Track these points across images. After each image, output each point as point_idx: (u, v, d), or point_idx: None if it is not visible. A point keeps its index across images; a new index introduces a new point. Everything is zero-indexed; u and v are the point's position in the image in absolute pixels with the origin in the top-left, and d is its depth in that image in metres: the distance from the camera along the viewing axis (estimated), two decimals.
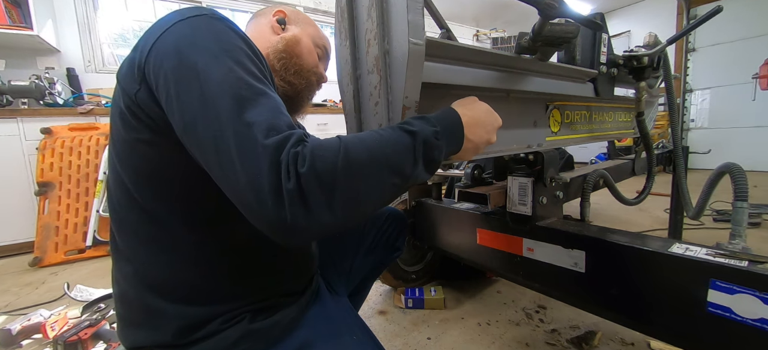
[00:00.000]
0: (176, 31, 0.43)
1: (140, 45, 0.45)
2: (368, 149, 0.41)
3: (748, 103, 4.16)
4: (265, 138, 0.37)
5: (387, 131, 0.45)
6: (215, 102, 0.39)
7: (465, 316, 1.27)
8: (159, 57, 0.42)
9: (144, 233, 0.50)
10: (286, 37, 0.69)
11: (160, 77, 0.42)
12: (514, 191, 0.94)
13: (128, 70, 0.46)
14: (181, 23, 0.44)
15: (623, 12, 5.29)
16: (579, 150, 4.38)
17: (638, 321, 0.76)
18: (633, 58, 1.08)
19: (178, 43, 0.42)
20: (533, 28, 0.69)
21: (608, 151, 1.87)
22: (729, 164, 0.85)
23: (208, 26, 0.44)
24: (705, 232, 2.05)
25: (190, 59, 0.41)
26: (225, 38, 0.43)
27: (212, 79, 0.39)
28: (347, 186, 0.38)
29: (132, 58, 0.46)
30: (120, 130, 0.48)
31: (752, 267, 0.59)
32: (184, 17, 0.45)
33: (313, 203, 0.36)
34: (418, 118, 0.49)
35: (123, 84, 0.47)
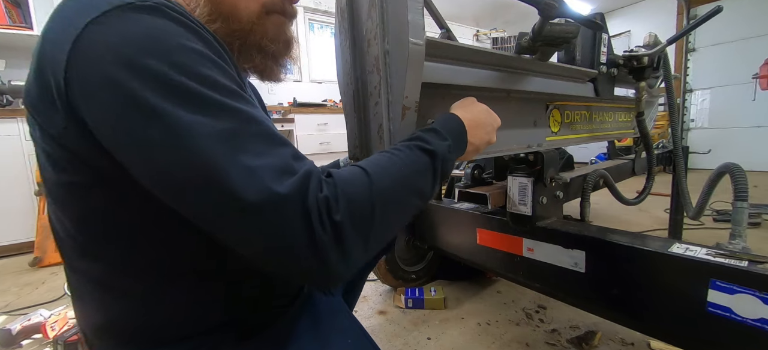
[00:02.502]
0: (102, 42, 0.31)
1: (48, 53, 0.33)
2: (394, 179, 0.39)
3: (748, 103, 4.16)
4: (280, 186, 0.31)
5: (406, 152, 0.43)
6: (196, 153, 0.30)
7: (465, 316, 1.27)
8: (89, 85, 0.31)
9: (99, 280, 0.41)
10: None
11: (98, 115, 0.32)
12: (514, 191, 0.94)
13: (41, 95, 0.34)
14: (104, 26, 0.31)
15: (623, 12, 5.29)
16: (579, 150, 4.38)
17: (638, 321, 0.76)
18: (633, 58, 1.08)
19: (114, 70, 0.30)
20: (533, 28, 0.70)
21: (608, 151, 1.87)
22: (729, 164, 0.85)
23: (146, 30, 0.32)
24: (705, 232, 2.05)
25: (142, 97, 0.30)
26: (177, 46, 0.32)
27: (183, 122, 0.30)
28: (381, 223, 0.36)
29: (41, 75, 0.33)
30: (48, 170, 0.37)
31: (752, 267, 0.59)
32: (103, 11, 0.31)
33: (351, 248, 0.34)
34: (430, 131, 0.48)
35: (38, 118, 0.35)
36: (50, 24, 0.34)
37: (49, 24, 0.34)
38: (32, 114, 0.36)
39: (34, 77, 0.34)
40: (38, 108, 0.35)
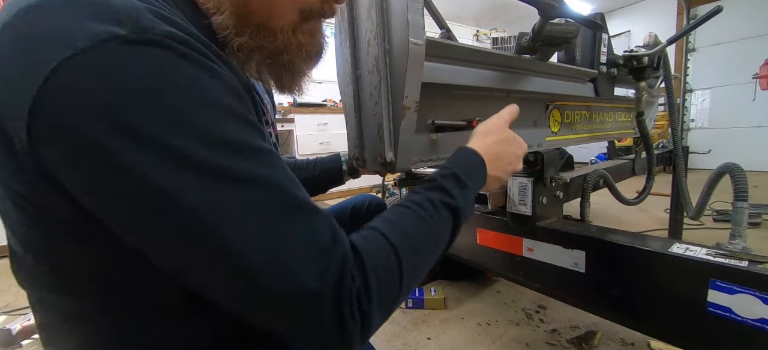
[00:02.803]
0: (83, 92, 0.23)
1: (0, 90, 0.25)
2: (420, 251, 0.37)
3: (748, 103, 4.16)
4: (312, 280, 0.27)
5: (430, 212, 0.40)
6: (213, 236, 0.25)
7: (465, 316, 1.27)
8: (67, 149, 0.24)
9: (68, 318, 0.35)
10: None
11: (84, 187, 0.26)
12: (514, 191, 0.94)
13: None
14: (84, 69, 0.23)
15: (623, 12, 5.28)
16: (579, 150, 4.38)
17: (638, 321, 0.76)
18: (633, 58, 1.08)
19: (101, 134, 0.23)
20: (533, 28, 0.70)
21: (608, 151, 1.87)
22: (729, 164, 0.85)
23: (143, 77, 0.24)
24: (705, 232, 2.05)
25: (144, 174, 0.24)
26: (185, 97, 0.26)
27: (197, 204, 0.25)
28: (405, 294, 0.35)
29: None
30: (11, 211, 0.31)
31: (752, 267, 0.59)
32: (82, 49, 0.23)
33: (375, 325, 0.32)
34: (452, 178, 0.45)
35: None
36: (11, 26, 0.24)
37: (8, 25, 0.24)
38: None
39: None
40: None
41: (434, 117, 0.68)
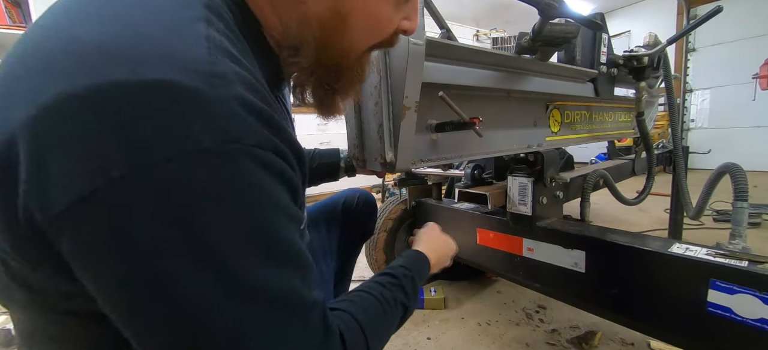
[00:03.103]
0: (167, 195, 0.22)
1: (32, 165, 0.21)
2: (383, 339, 0.43)
3: (748, 103, 4.16)
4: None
5: (392, 307, 0.45)
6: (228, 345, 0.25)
7: (465, 316, 1.27)
8: (114, 242, 0.22)
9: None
10: (328, 6, 0.33)
11: (106, 281, 0.23)
12: (514, 191, 0.94)
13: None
14: (179, 175, 0.22)
15: (623, 12, 5.28)
16: (579, 150, 4.38)
17: (638, 321, 0.76)
18: (633, 58, 1.08)
19: (163, 240, 0.22)
20: (533, 28, 0.70)
21: (608, 151, 1.87)
22: (729, 164, 0.85)
23: (235, 195, 0.24)
24: (705, 232, 2.05)
25: (191, 289, 0.23)
26: (261, 220, 0.25)
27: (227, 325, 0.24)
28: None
29: (6, 180, 0.22)
30: (4, 278, 0.28)
31: (752, 267, 0.59)
32: (158, 163, 0.21)
33: None
34: (410, 280, 0.51)
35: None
36: (45, 117, 0.21)
37: (43, 115, 0.21)
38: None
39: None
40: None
41: (434, 117, 0.68)
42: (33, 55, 0.23)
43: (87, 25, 0.23)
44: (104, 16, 0.23)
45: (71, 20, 0.24)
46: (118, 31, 0.23)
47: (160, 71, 0.21)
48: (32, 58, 0.23)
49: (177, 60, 0.22)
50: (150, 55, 0.22)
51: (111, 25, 0.23)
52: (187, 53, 0.23)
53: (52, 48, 0.22)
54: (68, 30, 0.23)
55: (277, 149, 0.26)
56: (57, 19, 0.24)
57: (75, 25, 0.23)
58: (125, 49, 0.22)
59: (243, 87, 0.25)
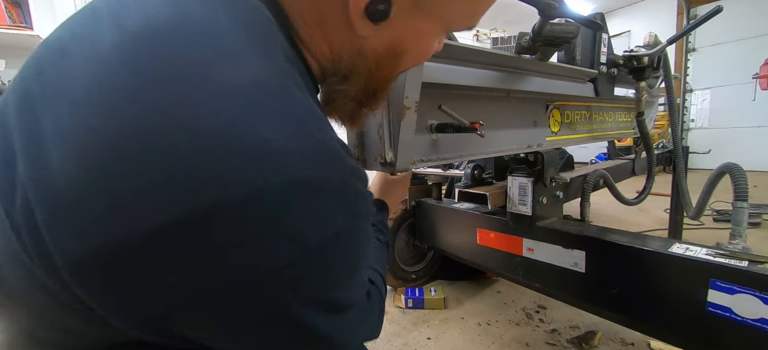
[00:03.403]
0: (302, 274, 0.25)
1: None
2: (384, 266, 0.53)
3: (748, 103, 4.16)
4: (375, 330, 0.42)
5: (382, 242, 0.59)
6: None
7: (465, 316, 1.27)
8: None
9: None
10: (386, 43, 0.35)
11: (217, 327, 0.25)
12: (514, 191, 0.94)
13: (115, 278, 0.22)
14: (319, 261, 0.26)
15: (623, 12, 5.29)
16: (579, 150, 4.38)
17: (638, 321, 0.76)
18: (633, 58, 1.08)
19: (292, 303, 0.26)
20: (533, 28, 0.69)
21: (608, 151, 1.87)
22: (729, 164, 0.85)
23: (350, 253, 0.29)
24: (705, 232, 2.05)
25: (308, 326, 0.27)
26: (357, 263, 0.32)
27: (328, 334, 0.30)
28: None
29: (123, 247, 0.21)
30: (33, 304, 0.26)
31: (752, 267, 0.59)
32: (324, 242, 0.25)
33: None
34: (380, 220, 0.65)
35: (83, 295, 0.23)
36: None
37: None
38: (76, 284, 0.23)
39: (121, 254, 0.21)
40: (87, 280, 0.22)
41: (434, 117, 0.68)
42: (150, 142, 0.21)
43: (204, 110, 0.22)
44: (222, 107, 0.22)
45: (179, 102, 0.22)
46: (248, 126, 0.22)
47: (301, 171, 0.23)
48: (149, 146, 0.21)
49: (309, 157, 0.24)
50: (287, 156, 0.23)
51: (235, 116, 0.22)
52: (312, 145, 0.25)
53: (168, 142, 0.21)
54: (185, 120, 0.21)
55: (371, 197, 0.32)
56: (160, 97, 0.22)
57: (186, 108, 0.21)
58: (265, 153, 0.22)
59: (347, 154, 0.28)
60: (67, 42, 0.25)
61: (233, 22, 0.26)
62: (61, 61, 0.24)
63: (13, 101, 0.25)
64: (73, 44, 0.25)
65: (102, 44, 0.23)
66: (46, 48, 0.26)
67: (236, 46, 0.25)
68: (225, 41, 0.25)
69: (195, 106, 0.22)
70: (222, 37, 0.25)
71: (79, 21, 0.26)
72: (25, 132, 0.23)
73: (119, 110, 0.21)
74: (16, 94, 0.26)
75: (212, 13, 0.26)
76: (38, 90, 0.24)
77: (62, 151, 0.22)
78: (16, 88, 0.26)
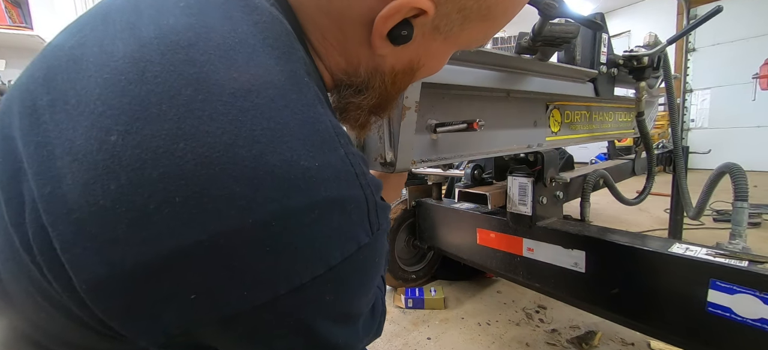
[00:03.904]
0: (328, 293, 0.26)
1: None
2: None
3: (748, 103, 4.16)
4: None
5: None
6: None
7: (465, 316, 1.27)
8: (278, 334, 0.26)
9: None
10: (404, 62, 0.35)
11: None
12: (514, 191, 0.94)
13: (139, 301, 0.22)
14: (343, 277, 0.26)
15: (623, 12, 5.28)
16: (579, 150, 4.38)
17: (638, 321, 0.76)
18: (633, 58, 1.08)
19: (321, 324, 0.28)
20: (533, 28, 0.69)
21: (608, 151, 1.87)
22: (729, 164, 0.85)
23: (372, 268, 0.30)
24: (705, 232, 2.05)
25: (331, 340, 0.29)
26: (376, 276, 0.32)
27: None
28: None
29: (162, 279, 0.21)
30: (39, 316, 0.25)
31: (752, 267, 0.59)
32: (347, 256, 0.26)
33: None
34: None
35: (107, 318, 0.23)
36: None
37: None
38: (94, 304, 0.22)
39: (144, 271, 0.21)
40: (106, 301, 0.22)
41: (434, 117, 0.68)
42: (170, 167, 0.20)
43: (224, 133, 0.21)
44: (239, 120, 0.22)
45: (198, 122, 0.21)
46: (267, 142, 0.22)
47: (326, 191, 0.24)
48: (170, 171, 0.20)
49: (334, 174, 0.24)
50: (311, 175, 0.23)
51: (253, 132, 0.22)
52: (336, 163, 0.25)
53: (192, 162, 0.20)
54: (203, 139, 0.21)
55: (389, 209, 0.32)
56: (182, 115, 0.21)
57: (205, 129, 0.21)
58: (289, 172, 0.22)
59: (367, 167, 0.29)
60: (77, 49, 0.24)
61: (254, 36, 0.25)
62: (72, 70, 0.23)
63: (18, 106, 0.24)
64: (84, 52, 0.24)
65: (116, 54, 0.22)
66: (54, 53, 0.25)
67: (258, 61, 0.24)
68: (247, 57, 0.24)
69: (217, 126, 0.21)
70: (243, 52, 0.24)
71: (89, 26, 0.25)
72: (34, 144, 0.23)
73: (138, 129, 0.20)
74: (20, 99, 0.25)
75: (233, 25, 0.25)
76: (47, 99, 0.23)
77: (76, 170, 0.21)
78: (21, 92, 0.25)
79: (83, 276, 0.21)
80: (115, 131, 0.21)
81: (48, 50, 0.26)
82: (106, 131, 0.21)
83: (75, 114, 0.22)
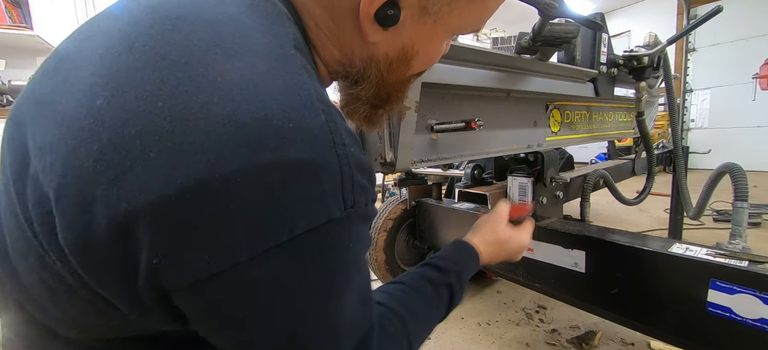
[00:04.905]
0: (306, 263, 0.25)
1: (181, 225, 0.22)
2: (424, 334, 0.45)
3: (748, 103, 4.16)
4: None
5: (436, 303, 0.47)
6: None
7: (465, 316, 1.27)
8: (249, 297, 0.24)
9: None
10: (396, 48, 0.35)
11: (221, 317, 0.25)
12: (514, 191, 0.94)
13: (106, 258, 0.22)
14: (317, 246, 0.25)
15: (623, 12, 5.29)
16: (579, 150, 4.38)
17: (638, 321, 0.76)
18: (633, 58, 1.08)
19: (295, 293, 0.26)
20: (533, 28, 0.70)
21: (608, 151, 1.87)
22: (729, 164, 0.85)
23: (347, 255, 0.28)
24: (705, 232, 2.05)
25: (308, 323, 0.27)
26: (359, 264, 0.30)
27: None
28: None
29: (127, 238, 0.21)
30: (43, 294, 0.26)
31: (752, 267, 0.59)
32: (318, 225, 0.24)
33: None
34: (457, 279, 0.51)
35: (83, 271, 0.23)
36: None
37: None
38: (68, 255, 0.23)
39: (107, 228, 0.21)
40: (90, 265, 0.23)
41: (434, 117, 0.68)
42: (147, 124, 0.21)
43: (201, 92, 0.22)
44: (217, 81, 0.22)
45: (178, 83, 0.22)
46: (242, 100, 0.22)
47: (298, 151, 0.23)
48: (146, 128, 0.21)
49: (308, 137, 0.24)
50: (284, 135, 0.23)
51: (230, 91, 0.22)
52: (313, 127, 0.24)
53: (168, 119, 0.21)
54: (180, 98, 0.21)
55: (373, 197, 0.30)
56: (155, 75, 0.22)
57: (183, 89, 0.22)
58: (260, 129, 0.22)
59: (353, 143, 0.27)
60: (85, 41, 0.26)
61: (244, 13, 0.26)
62: (76, 56, 0.25)
63: (30, 94, 0.27)
64: (90, 37, 0.26)
65: (111, 32, 0.24)
66: (66, 44, 0.28)
67: (245, 33, 0.25)
68: (233, 29, 0.24)
69: (195, 86, 0.22)
70: (230, 25, 0.25)
71: (98, 17, 0.28)
72: (36, 124, 0.24)
73: (122, 92, 0.22)
74: (32, 88, 0.27)
75: (225, 5, 0.26)
76: (52, 84, 0.25)
77: (65, 136, 0.22)
78: (34, 82, 0.27)
79: (67, 239, 0.22)
80: (101, 96, 0.22)
81: (63, 43, 0.28)
82: (93, 98, 0.22)
83: (72, 90, 0.23)
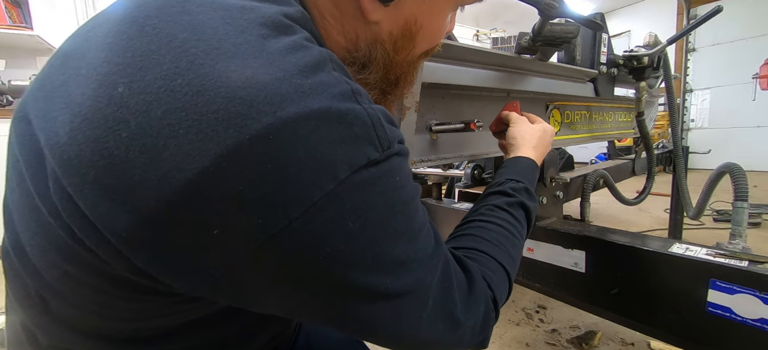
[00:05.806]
0: (346, 219, 0.24)
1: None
2: (517, 262, 0.45)
3: (748, 103, 4.17)
4: (469, 331, 0.33)
5: (518, 227, 0.48)
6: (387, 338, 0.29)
7: None
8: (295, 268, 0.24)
9: None
10: (399, 25, 0.35)
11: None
12: None
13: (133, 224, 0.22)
14: (358, 194, 0.24)
15: (623, 12, 5.29)
16: (579, 150, 4.38)
17: (638, 321, 0.76)
18: (633, 58, 1.08)
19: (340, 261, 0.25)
20: (533, 28, 0.70)
21: (608, 151, 1.87)
22: (729, 164, 0.85)
23: (396, 194, 0.27)
24: (705, 232, 2.05)
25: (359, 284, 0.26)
26: (408, 209, 0.28)
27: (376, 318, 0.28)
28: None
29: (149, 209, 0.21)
30: (61, 269, 0.26)
31: (752, 267, 0.59)
32: (355, 170, 0.24)
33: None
34: (524, 188, 0.52)
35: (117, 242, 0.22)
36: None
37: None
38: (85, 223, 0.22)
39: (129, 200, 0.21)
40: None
41: (434, 117, 0.68)
42: (171, 102, 0.21)
43: (217, 63, 0.22)
44: (231, 51, 0.22)
45: (193, 58, 0.22)
46: (258, 65, 0.22)
47: (320, 101, 0.23)
48: (171, 106, 0.21)
49: (328, 88, 0.24)
50: (303, 89, 0.23)
51: (245, 59, 0.22)
52: (330, 79, 0.24)
53: (190, 94, 0.21)
54: (197, 71, 0.21)
55: (402, 137, 0.29)
56: (158, 64, 0.22)
57: (199, 62, 0.22)
58: (280, 87, 0.22)
59: (369, 99, 0.27)
60: (90, 31, 0.26)
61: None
62: (84, 47, 0.25)
63: (37, 91, 0.26)
64: (94, 28, 0.26)
65: (118, 18, 0.24)
66: (71, 39, 0.28)
67: (254, 9, 0.25)
68: (242, 8, 0.25)
69: (210, 59, 0.22)
70: (238, 4, 0.25)
71: (104, 10, 0.28)
72: (49, 119, 0.24)
73: (141, 77, 0.22)
74: (39, 84, 0.27)
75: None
76: (61, 78, 0.25)
77: (86, 129, 0.22)
78: (40, 79, 0.27)
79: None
80: (121, 83, 0.22)
81: (66, 41, 0.28)
82: (112, 86, 0.22)
83: (85, 81, 0.23)
